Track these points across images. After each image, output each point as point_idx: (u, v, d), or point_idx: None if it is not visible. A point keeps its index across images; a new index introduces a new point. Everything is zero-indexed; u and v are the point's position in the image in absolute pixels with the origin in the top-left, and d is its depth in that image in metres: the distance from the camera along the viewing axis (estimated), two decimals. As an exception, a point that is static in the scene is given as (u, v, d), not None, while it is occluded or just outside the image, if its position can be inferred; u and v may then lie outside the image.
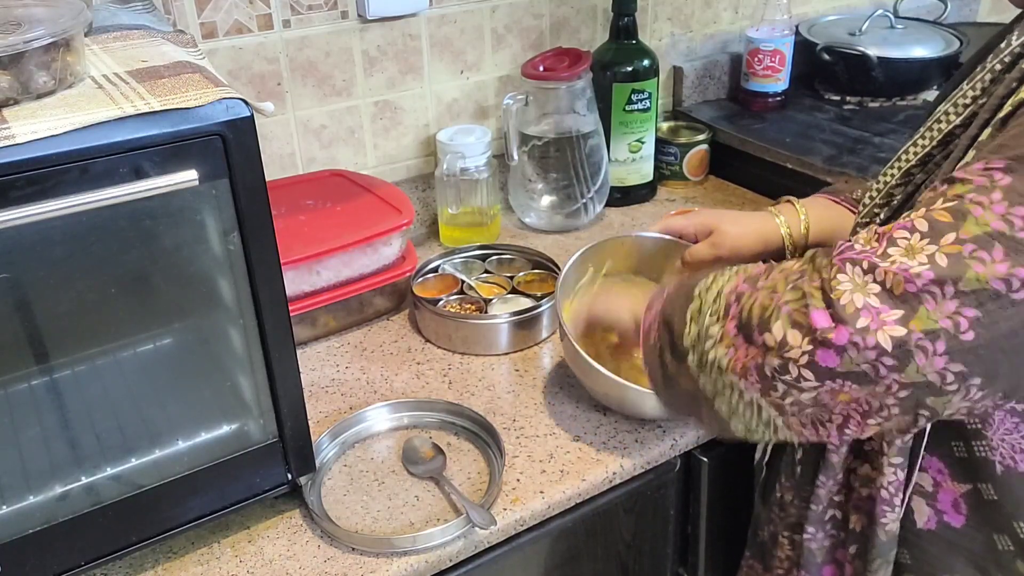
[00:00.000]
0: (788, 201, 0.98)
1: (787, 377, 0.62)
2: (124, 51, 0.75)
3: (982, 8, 1.94)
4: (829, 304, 0.60)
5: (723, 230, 0.96)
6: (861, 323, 0.58)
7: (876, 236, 0.62)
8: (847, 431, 0.64)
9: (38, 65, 0.63)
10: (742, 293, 0.67)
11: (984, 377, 0.58)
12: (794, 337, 0.61)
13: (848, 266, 0.60)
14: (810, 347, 0.60)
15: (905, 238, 0.60)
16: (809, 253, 0.66)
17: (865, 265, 0.60)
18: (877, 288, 0.59)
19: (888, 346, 0.58)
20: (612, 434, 0.94)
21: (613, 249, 1.03)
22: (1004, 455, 0.70)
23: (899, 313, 0.58)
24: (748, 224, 0.96)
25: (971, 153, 0.64)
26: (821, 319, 0.60)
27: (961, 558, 0.74)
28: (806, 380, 0.61)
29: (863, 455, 0.76)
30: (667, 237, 1.02)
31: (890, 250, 0.60)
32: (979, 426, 0.71)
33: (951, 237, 0.58)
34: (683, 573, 1.07)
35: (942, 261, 0.57)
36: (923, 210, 0.61)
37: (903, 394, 0.60)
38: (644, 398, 0.90)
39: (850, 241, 0.64)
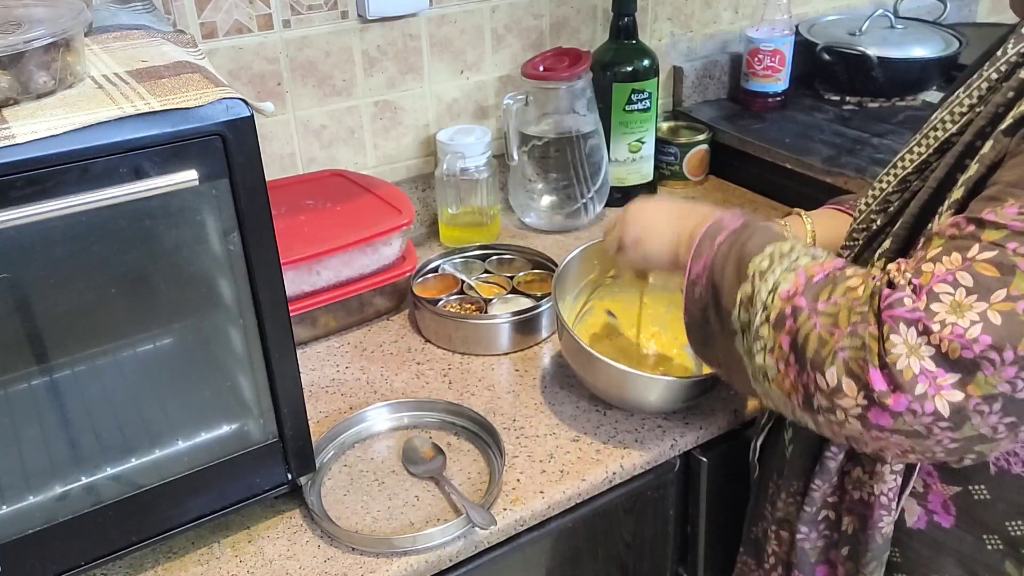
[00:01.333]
0: (796, 213, 0.98)
1: (832, 417, 0.61)
2: (124, 51, 0.75)
3: (982, 8, 1.94)
4: (884, 365, 0.58)
5: None
6: (919, 390, 0.57)
7: (913, 287, 0.59)
8: (883, 457, 0.64)
9: (38, 65, 0.63)
10: (799, 309, 0.63)
11: None
12: (849, 387, 0.59)
13: (902, 326, 0.58)
14: (865, 403, 0.59)
15: (948, 293, 0.58)
16: (870, 283, 0.62)
17: (920, 327, 0.57)
18: (932, 351, 0.57)
19: (946, 412, 0.57)
20: (612, 434, 0.94)
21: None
22: (999, 456, 0.71)
23: (956, 377, 0.56)
24: None
25: (974, 166, 0.64)
26: (879, 381, 0.58)
27: (950, 558, 0.75)
28: (850, 425, 0.60)
29: (857, 458, 0.76)
30: None
31: (933, 306, 0.58)
32: None
33: (1001, 294, 0.56)
34: (683, 573, 1.07)
35: (996, 320, 0.56)
36: (958, 257, 0.59)
37: (953, 447, 0.59)
38: (647, 385, 0.90)
39: (892, 287, 0.60)
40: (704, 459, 0.98)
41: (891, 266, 0.63)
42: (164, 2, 1.10)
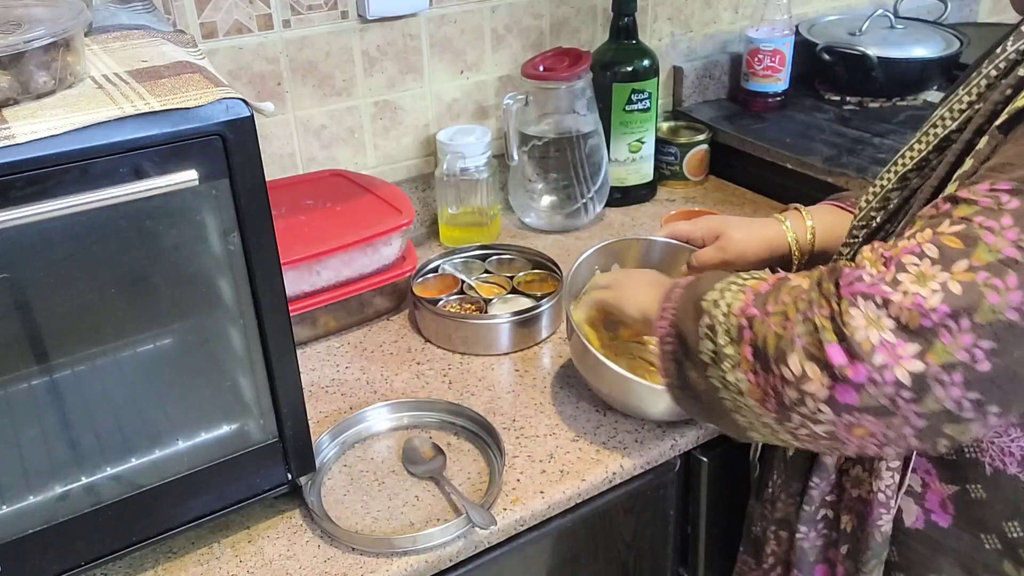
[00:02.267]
0: (795, 208, 0.98)
1: (804, 409, 0.62)
2: (124, 51, 0.75)
3: (982, 8, 1.94)
4: (843, 338, 0.59)
5: (729, 235, 0.96)
6: (878, 360, 0.58)
7: (883, 260, 0.61)
8: (866, 453, 0.64)
9: (38, 65, 0.63)
10: (753, 317, 0.66)
11: (1000, 404, 0.58)
12: (812, 371, 0.61)
13: (860, 300, 0.59)
14: (829, 382, 0.60)
15: (915, 264, 0.59)
16: (815, 274, 0.65)
17: (878, 300, 0.59)
18: (892, 323, 0.58)
19: (907, 381, 0.58)
20: (612, 434, 0.94)
21: (620, 251, 1.03)
22: (994, 457, 0.71)
23: (915, 347, 0.57)
24: (754, 230, 0.97)
25: (969, 162, 0.64)
26: (837, 355, 0.59)
27: (948, 557, 0.75)
28: (822, 413, 0.61)
29: (855, 457, 0.76)
30: (674, 241, 1.02)
31: (900, 276, 0.59)
32: None
33: (963, 264, 0.58)
34: (683, 573, 1.07)
35: (956, 289, 0.57)
36: (930, 232, 0.60)
37: (921, 424, 0.59)
38: (653, 395, 0.90)
39: (856, 265, 0.63)
40: (704, 459, 0.98)
41: (864, 248, 0.64)
42: (164, 2, 1.10)
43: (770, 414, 0.65)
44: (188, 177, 0.65)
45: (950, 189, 0.65)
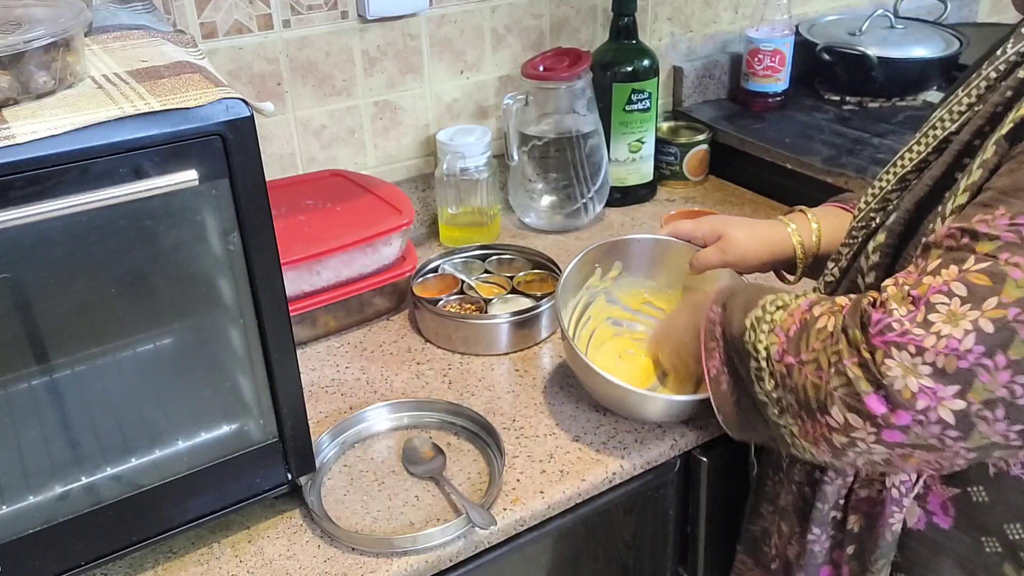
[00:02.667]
0: (800, 211, 0.98)
1: (857, 449, 0.63)
2: (124, 51, 0.75)
3: (982, 8, 1.94)
4: (879, 387, 0.60)
5: (731, 236, 0.96)
6: (920, 405, 0.59)
7: (911, 299, 0.61)
8: (929, 471, 0.66)
9: (38, 65, 0.63)
10: (790, 367, 0.67)
11: None
12: (855, 420, 0.62)
13: (894, 351, 0.60)
14: (874, 430, 0.61)
15: (944, 303, 0.60)
16: (838, 317, 0.65)
17: (912, 349, 0.59)
18: (928, 369, 0.59)
19: (951, 420, 0.58)
20: (612, 434, 0.94)
21: (620, 250, 1.03)
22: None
23: (955, 388, 0.58)
24: (756, 231, 0.97)
25: (977, 171, 0.64)
26: (876, 405, 0.60)
27: (948, 559, 0.75)
28: (876, 451, 0.63)
29: None
30: (675, 240, 1.02)
31: (931, 316, 0.59)
32: None
33: (993, 302, 0.58)
34: (683, 573, 1.07)
35: (988, 328, 0.57)
36: (955, 269, 0.61)
37: (972, 456, 0.61)
38: (644, 401, 0.90)
39: (880, 303, 0.63)
40: (704, 459, 0.98)
41: (887, 282, 0.65)
42: (164, 2, 1.10)
43: (825, 454, 0.67)
44: (188, 177, 0.65)
45: (960, 200, 0.65)
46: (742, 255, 0.95)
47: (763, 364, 0.69)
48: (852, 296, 0.67)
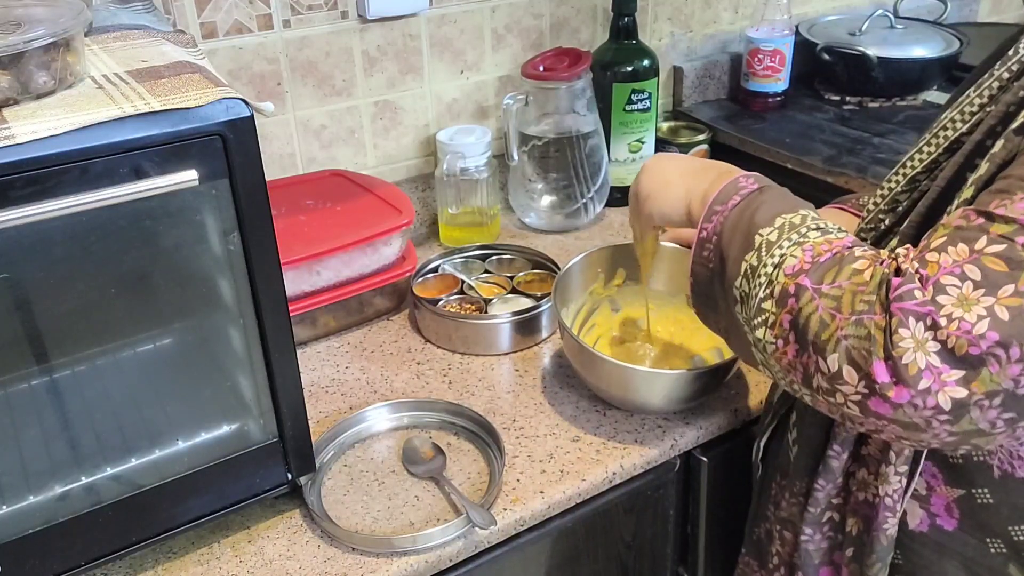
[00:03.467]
0: None
1: (831, 399, 0.61)
2: (124, 51, 0.75)
3: (982, 8, 1.94)
4: (889, 356, 0.57)
5: None
6: (923, 385, 0.56)
7: (920, 277, 0.59)
8: (877, 437, 0.64)
9: (38, 65, 0.63)
10: (803, 288, 0.63)
11: None
12: (850, 375, 0.59)
13: (911, 320, 0.57)
14: (865, 391, 0.58)
15: (955, 286, 0.57)
16: (878, 269, 0.61)
17: (928, 322, 0.57)
18: (937, 347, 0.56)
19: (947, 407, 0.56)
20: (612, 434, 0.94)
21: (623, 255, 1.03)
22: (1002, 460, 0.70)
23: (960, 374, 0.56)
24: None
25: (984, 166, 0.63)
26: (881, 372, 0.57)
27: (953, 561, 0.74)
28: (849, 409, 0.60)
29: (862, 460, 0.76)
30: (679, 247, 1.01)
31: (939, 298, 0.57)
32: None
33: (1009, 289, 0.56)
34: (683, 573, 1.07)
35: (1003, 316, 0.55)
36: (966, 250, 0.58)
37: (951, 440, 0.59)
38: (651, 381, 0.90)
39: (900, 275, 0.60)
40: (704, 459, 0.98)
41: (899, 250, 0.62)
42: (164, 2, 1.10)
43: (794, 382, 0.64)
44: (188, 177, 0.65)
45: (966, 194, 0.64)
46: None
47: (765, 268, 0.65)
48: (895, 252, 0.63)
